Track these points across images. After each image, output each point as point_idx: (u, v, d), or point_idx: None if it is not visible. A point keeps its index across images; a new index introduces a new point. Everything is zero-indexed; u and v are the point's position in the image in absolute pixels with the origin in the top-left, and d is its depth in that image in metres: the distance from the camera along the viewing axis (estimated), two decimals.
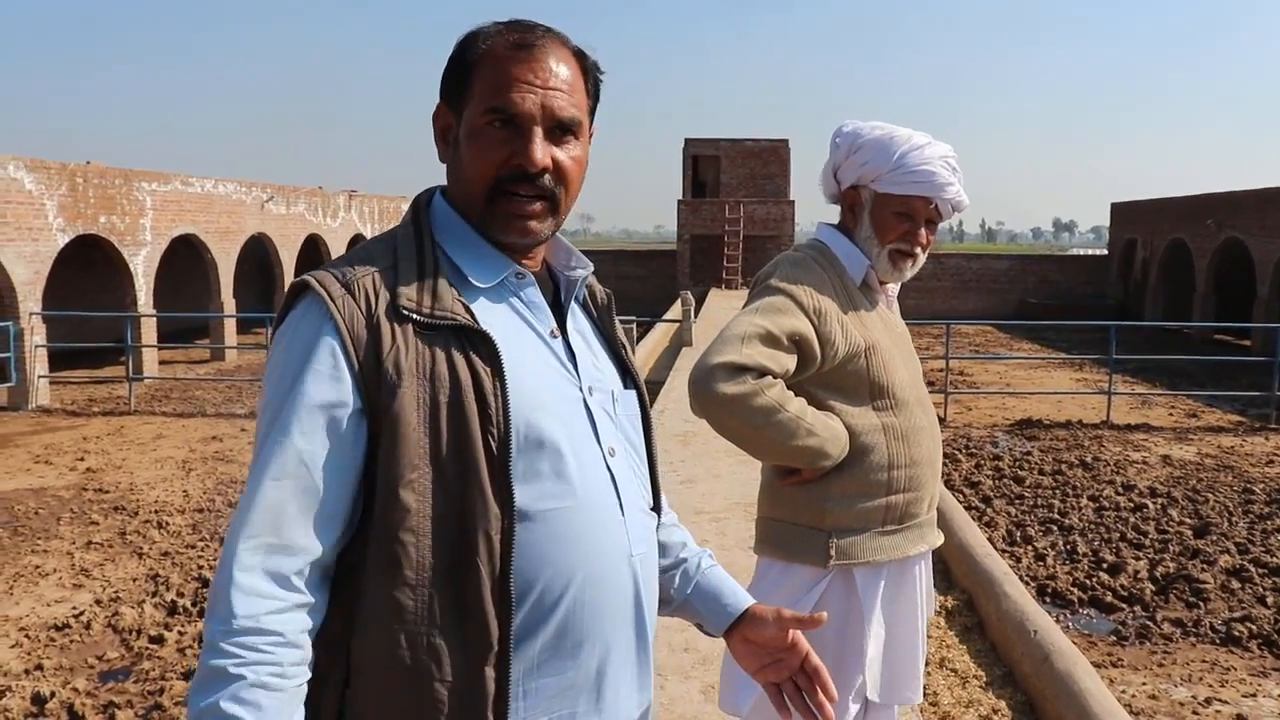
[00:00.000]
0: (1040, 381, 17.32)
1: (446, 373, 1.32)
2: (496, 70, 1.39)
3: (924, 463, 2.43)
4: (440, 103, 1.47)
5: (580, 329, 1.54)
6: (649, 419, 1.59)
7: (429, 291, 1.36)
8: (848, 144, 2.42)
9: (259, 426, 1.33)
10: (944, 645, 5.23)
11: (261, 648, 1.22)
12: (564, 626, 1.36)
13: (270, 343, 1.40)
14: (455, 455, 1.31)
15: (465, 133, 1.41)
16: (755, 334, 2.25)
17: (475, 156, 1.40)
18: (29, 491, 9.42)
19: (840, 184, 2.49)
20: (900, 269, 2.43)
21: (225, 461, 10.68)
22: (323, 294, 1.32)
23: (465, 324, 1.35)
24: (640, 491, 1.52)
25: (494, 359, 1.35)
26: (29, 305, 14.72)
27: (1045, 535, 8.00)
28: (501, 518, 1.32)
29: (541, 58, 1.41)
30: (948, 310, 31.10)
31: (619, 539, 1.43)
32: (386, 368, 1.30)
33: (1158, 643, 5.88)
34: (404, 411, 1.29)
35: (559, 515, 1.36)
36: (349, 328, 1.31)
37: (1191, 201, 26.24)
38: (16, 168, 14.59)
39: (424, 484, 1.30)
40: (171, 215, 18.52)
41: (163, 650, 5.66)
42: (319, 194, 24.96)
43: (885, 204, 2.39)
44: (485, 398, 1.33)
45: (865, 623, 2.35)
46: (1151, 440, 12.03)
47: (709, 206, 32.58)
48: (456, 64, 1.44)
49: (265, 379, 1.35)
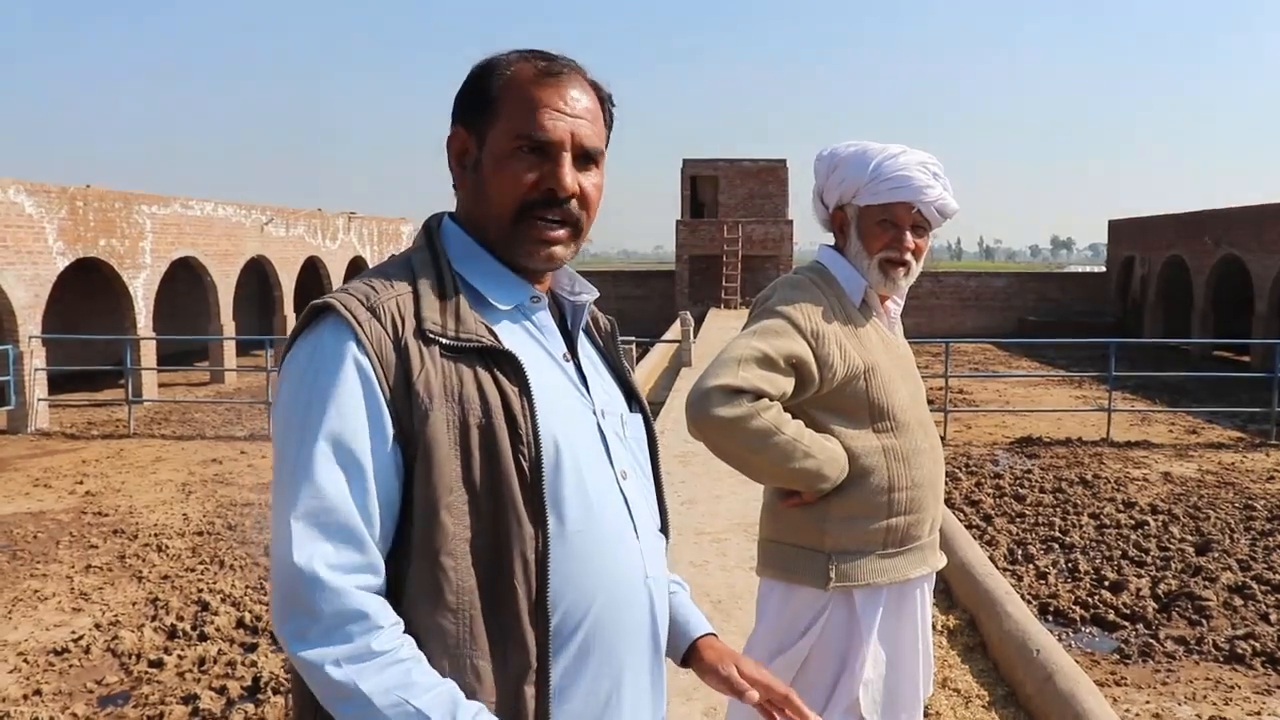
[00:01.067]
0: (1040, 399, 17.31)
1: (476, 395, 1.33)
2: (524, 96, 1.41)
3: (925, 485, 2.42)
4: (457, 127, 1.47)
5: (587, 353, 1.56)
6: (655, 442, 1.61)
7: (452, 314, 1.36)
8: (826, 165, 2.46)
9: (284, 453, 1.30)
10: (946, 665, 5.21)
11: (367, 632, 1.24)
12: (585, 648, 1.38)
13: (283, 365, 1.37)
14: (488, 477, 1.32)
15: (490, 157, 1.42)
16: (752, 357, 2.26)
17: (503, 181, 1.41)
18: (28, 515, 9.40)
19: (827, 206, 2.51)
20: (892, 278, 2.41)
21: (225, 484, 10.66)
22: (349, 317, 1.31)
23: (491, 345, 1.36)
24: (651, 514, 1.54)
25: (521, 379, 1.36)
26: (28, 328, 14.73)
27: (1047, 553, 7.99)
28: (535, 537, 1.33)
29: (568, 86, 1.43)
30: (946, 328, 31.11)
31: (635, 562, 1.45)
32: (418, 391, 1.30)
33: (1161, 661, 5.85)
34: (436, 435, 1.30)
35: (580, 538, 1.38)
36: (377, 351, 1.30)
37: (1189, 218, 26.31)
38: (17, 191, 14.63)
39: (460, 507, 1.30)
40: (171, 238, 18.56)
41: (162, 674, 5.64)
42: (318, 216, 25.01)
43: (868, 216, 2.41)
44: (515, 418, 1.34)
45: (864, 645, 2.34)
46: (1152, 457, 12.02)
47: (707, 227, 32.64)
48: (477, 89, 1.44)
49: (286, 403, 1.33)
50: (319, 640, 1.22)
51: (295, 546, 1.23)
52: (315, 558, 1.23)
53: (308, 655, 1.22)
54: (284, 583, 1.24)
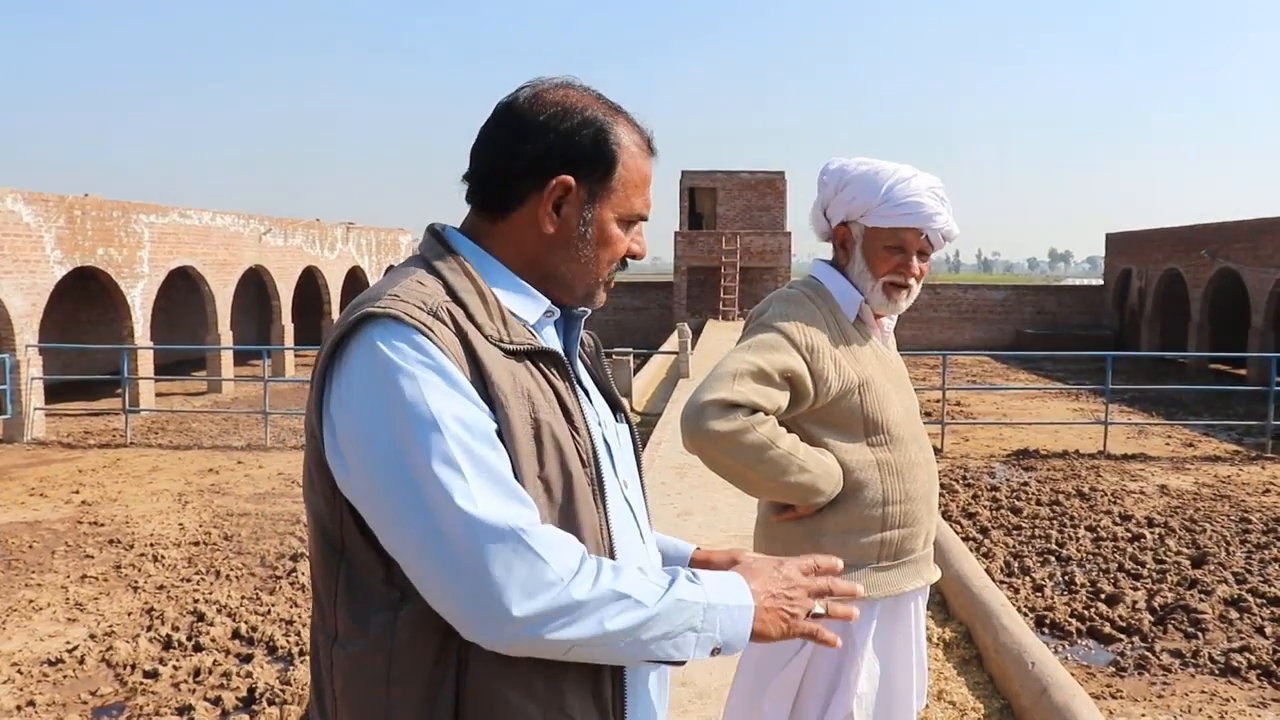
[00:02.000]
0: (1037, 412, 17.33)
1: (539, 392, 1.37)
2: (641, 177, 1.51)
3: (919, 499, 2.43)
4: (565, 175, 1.44)
5: (579, 367, 1.59)
6: (639, 453, 1.64)
7: (500, 320, 1.39)
8: (835, 181, 2.44)
9: (413, 457, 1.25)
10: (942, 677, 5.20)
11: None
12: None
13: (342, 379, 1.31)
14: (560, 469, 1.36)
15: (601, 224, 1.48)
16: (747, 371, 2.27)
17: (610, 250, 1.50)
18: (23, 525, 9.39)
19: (830, 221, 2.50)
20: (895, 301, 2.44)
21: (221, 494, 10.65)
22: (417, 323, 1.30)
23: (540, 347, 1.41)
24: (648, 522, 1.58)
25: (567, 375, 1.43)
26: (25, 338, 14.73)
27: (1043, 566, 7.99)
28: (601, 523, 1.40)
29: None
30: (944, 341, 31.16)
31: (645, 564, 1.47)
32: (496, 388, 1.32)
33: (1156, 674, 5.85)
34: (516, 431, 1.32)
35: (617, 534, 1.44)
36: (452, 351, 1.31)
37: (1186, 232, 26.38)
38: (15, 200, 14.65)
39: (540, 499, 1.33)
40: (169, 247, 18.57)
41: (157, 685, 5.63)
42: (317, 226, 25.03)
43: (876, 238, 2.40)
44: (570, 412, 1.40)
45: (859, 658, 2.34)
46: (1148, 470, 12.02)
47: (706, 238, 32.67)
48: (593, 148, 1.45)
49: (381, 414, 1.27)
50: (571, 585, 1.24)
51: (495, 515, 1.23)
52: (515, 518, 1.25)
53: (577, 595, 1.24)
54: (485, 558, 1.21)
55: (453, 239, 1.49)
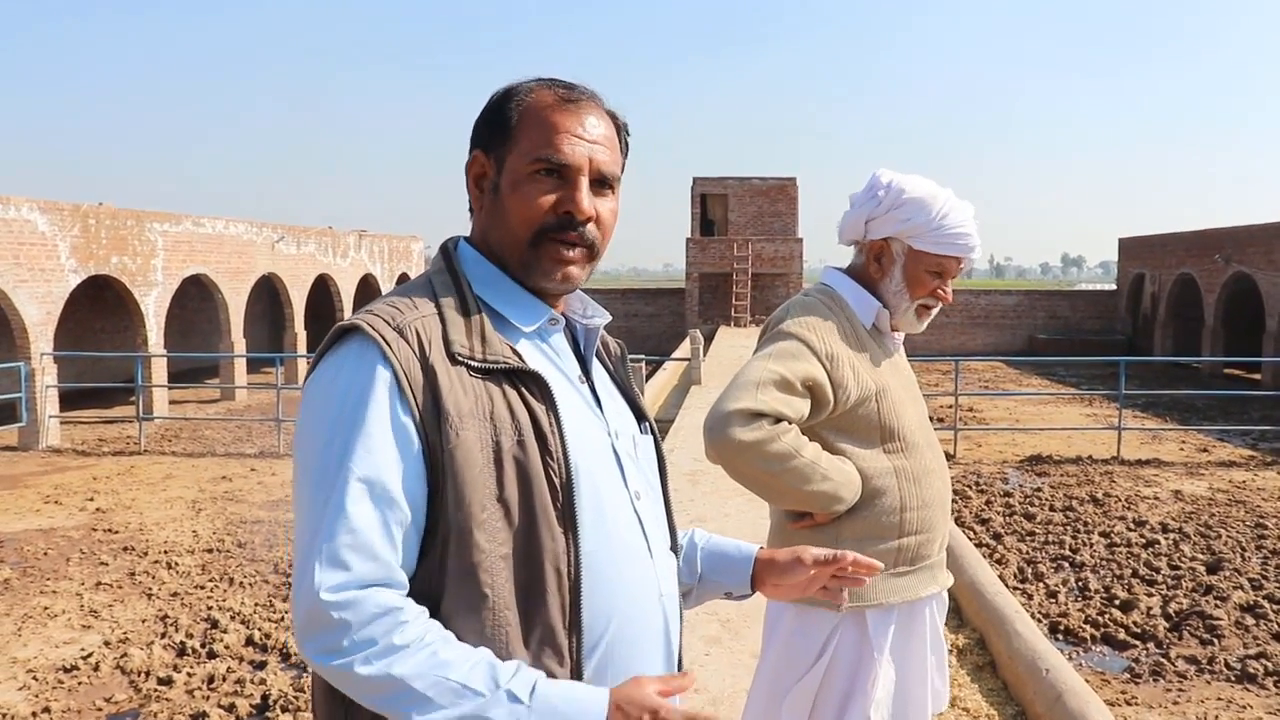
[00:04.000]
0: (1050, 417, 17.27)
1: (506, 414, 1.35)
2: (544, 122, 1.43)
3: (935, 504, 2.43)
4: (476, 151, 1.49)
5: (599, 375, 1.58)
6: (664, 463, 1.63)
7: (478, 336, 1.39)
8: (891, 198, 2.40)
9: (310, 474, 1.31)
10: (955, 684, 5.19)
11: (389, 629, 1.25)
12: (603, 665, 1.40)
13: (308, 384, 1.39)
14: (521, 493, 1.34)
15: (509, 180, 1.44)
16: (770, 379, 2.26)
17: (521, 204, 1.43)
18: (38, 532, 9.43)
19: (870, 234, 2.46)
20: (922, 320, 2.50)
21: (235, 501, 10.68)
22: (376, 336, 1.33)
23: (518, 366, 1.39)
24: (663, 534, 1.55)
25: (548, 398, 1.39)
26: (40, 345, 14.80)
27: (1056, 572, 7.95)
28: (568, 550, 1.36)
29: (586, 112, 1.46)
30: (956, 346, 31.08)
31: (650, 580, 1.47)
32: (448, 410, 1.32)
33: (1172, 681, 5.82)
34: (469, 454, 1.32)
35: (596, 557, 1.40)
36: (405, 371, 1.32)
37: (1199, 236, 26.27)
38: (30, 209, 14.73)
39: (494, 524, 1.32)
40: (183, 256, 18.65)
41: (171, 692, 5.64)
42: (329, 234, 25.11)
43: (919, 261, 2.42)
44: (545, 435, 1.37)
45: (875, 664, 2.34)
46: (1162, 475, 11.97)
47: (717, 244, 32.65)
48: (496, 114, 1.47)
49: (313, 423, 1.34)
50: (348, 649, 1.23)
51: (319, 572, 1.25)
52: (337, 579, 1.25)
53: (337, 664, 1.24)
54: (307, 604, 1.25)
55: (459, 251, 1.51)
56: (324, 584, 1.24)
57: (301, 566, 1.27)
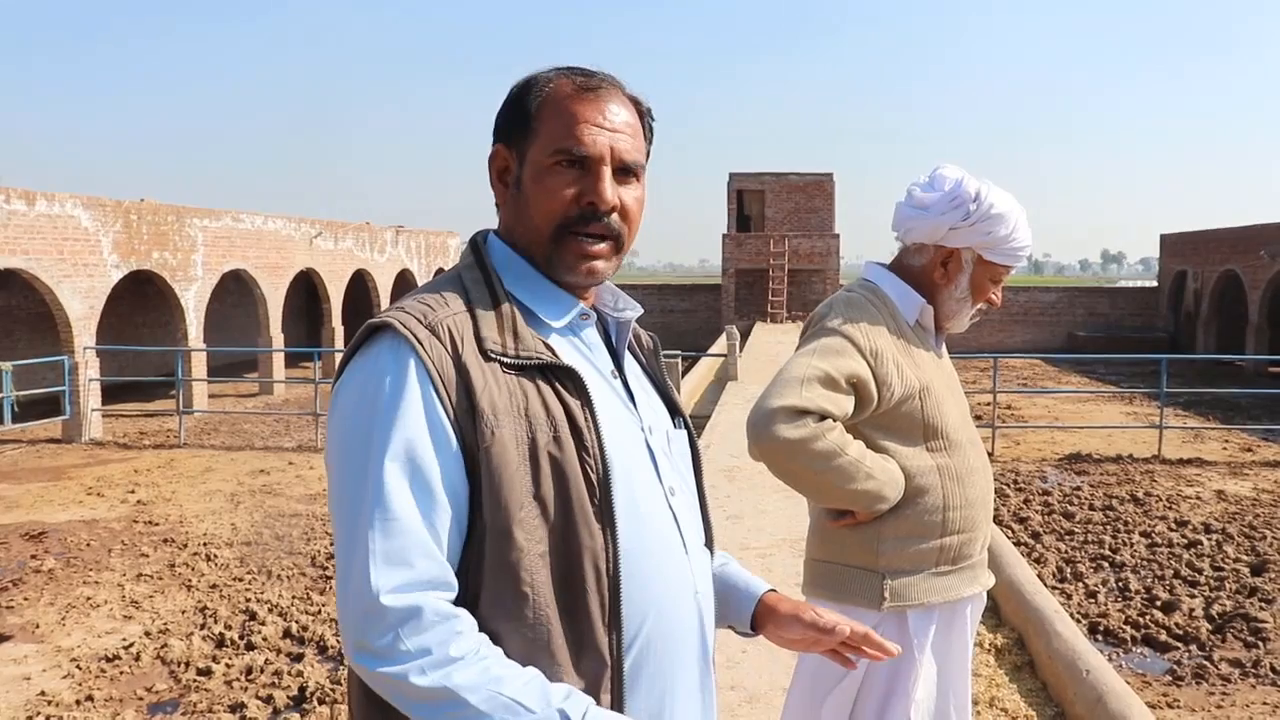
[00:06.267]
0: (1089, 415, 17.07)
1: (541, 410, 1.34)
2: (563, 112, 1.41)
3: (978, 503, 2.40)
4: (498, 145, 1.47)
5: (633, 370, 1.56)
6: (699, 458, 1.61)
7: (510, 332, 1.37)
8: (982, 212, 2.35)
9: (349, 473, 1.30)
10: (994, 684, 5.13)
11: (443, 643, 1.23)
12: (639, 663, 1.38)
13: (338, 383, 1.37)
14: (558, 490, 1.32)
15: (530, 173, 1.42)
16: (814, 376, 2.23)
17: (543, 196, 1.41)
18: (82, 523, 9.56)
19: (949, 241, 2.40)
20: (974, 320, 2.53)
21: (273, 495, 10.78)
22: (408, 334, 1.32)
23: (551, 362, 1.37)
24: (697, 530, 1.53)
25: (583, 393, 1.37)
26: (83, 340, 15.02)
27: (1096, 572, 7.86)
28: (606, 547, 1.34)
29: (607, 100, 1.43)
30: (995, 343, 30.78)
31: (684, 577, 1.45)
32: (482, 408, 1.30)
33: (1215, 684, 5.73)
34: (505, 450, 1.30)
35: (632, 554, 1.38)
36: (438, 368, 1.31)
37: (1243, 232, 25.85)
38: (74, 205, 14.94)
39: (531, 521, 1.31)
40: (222, 251, 18.84)
41: (210, 683, 5.70)
42: (367, 229, 25.26)
43: (986, 270, 2.42)
44: (580, 431, 1.35)
45: (916, 664, 2.31)
46: (1205, 475, 11.80)
47: (754, 240, 32.55)
48: (516, 106, 1.45)
49: (345, 422, 1.32)
50: (403, 656, 1.22)
51: (375, 572, 1.23)
52: (398, 578, 1.23)
53: (390, 670, 1.22)
54: (359, 607, 1.23)
55: (489, 245, 1.49)
56: (384, 585, 1.23)
57: (351, 567, 1.25)
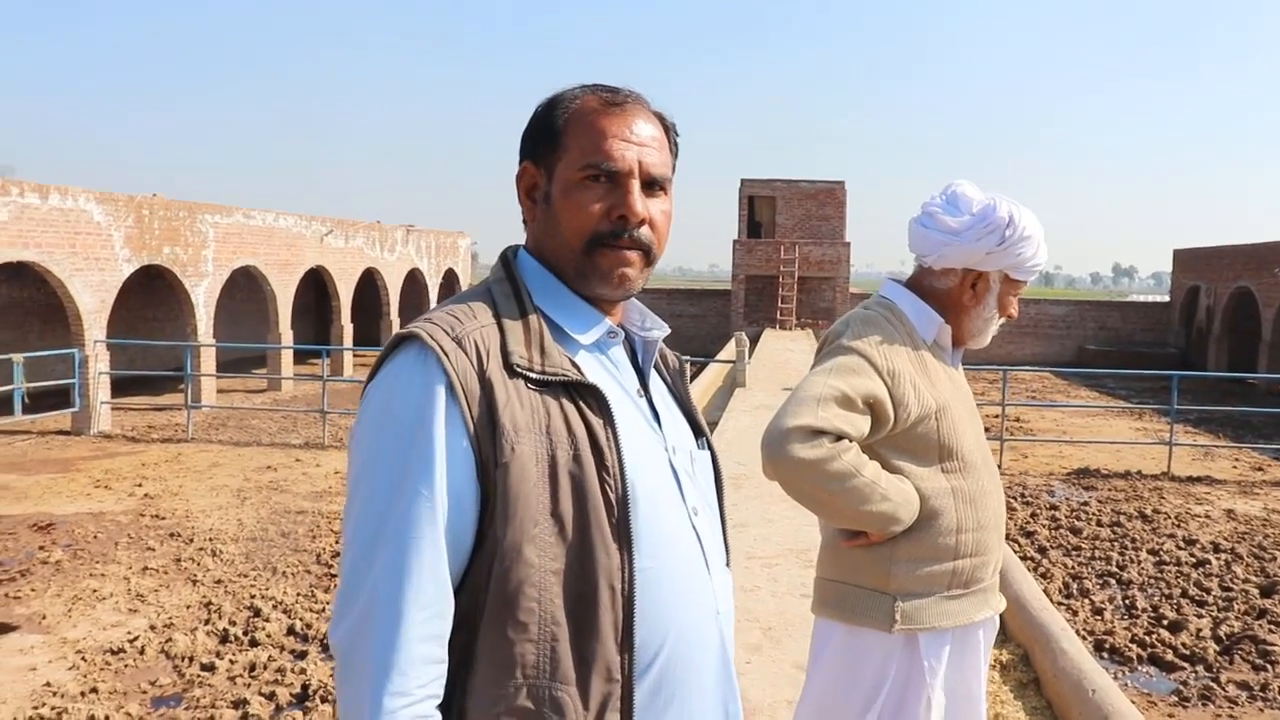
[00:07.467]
0: (1098, 430, 17.01)
1: (563, 427, 1.34)
2: (590, 127, 1.42)
3: (990, 526, 2.37)
4: (525, 163, 1.48)
5: (658, 389, 1.55)
6: (721, 479, 1.60)
7: (537, 348, 1.37)
8: (1017, 236, 2.33)
9: (364, 484, 1.31)
10: (998, 701, 5.11)
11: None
12: (658, 683, 1.37)
13: (366, 391, 1.38)
14: (576, 508, 1.32)
15: (559, 189, 1.43)
16: (831, 396, 2.20)
17: (573, 210, 1.42)
18: (89, 516, 9.58)
19: (986, 265, 2.37)
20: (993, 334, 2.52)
21: (279, 491, 10.79)
22: (434, 346, 1.32)
23: (576, 379, 1.37)
24: (719, 550, 1.53)
25: (606, 412, 1.37)
26: (94, 333, 15.07)
27: (1103, 588, 7.82)
28: (622, 567, 1.34)
29: (633, 115, 1.44)
30: (1004, 356, 30.68)
31: (706, 597, 1.44)
32: (503, 424, 1.30)
33: (1222, 705, 5.70)
34: (524, 467, 1.30)
35: (653, 573, 1.37)
36: (462, 382, 1.31)
37: (1258, 249, 25.73)
38: (86, 200, 14.99)
39: (546, 539, 1.31)
40: (233, 247, 18.89)
41: (214, 678, 5.71)
42: (377, 228, 25.31)
43: (1011, 288, 2.44)
44: (601, 450, 1.34)
45: (928, 689, 2.29)
46: (1214, 493, 11.74)
47: (764, 247, 32.51)
48: (543, 123, 1.46)
49: (369, 431, 1.34)
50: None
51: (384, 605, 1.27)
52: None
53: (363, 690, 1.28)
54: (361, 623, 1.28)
55: (519, 259, 1.50)
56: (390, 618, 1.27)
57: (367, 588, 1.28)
